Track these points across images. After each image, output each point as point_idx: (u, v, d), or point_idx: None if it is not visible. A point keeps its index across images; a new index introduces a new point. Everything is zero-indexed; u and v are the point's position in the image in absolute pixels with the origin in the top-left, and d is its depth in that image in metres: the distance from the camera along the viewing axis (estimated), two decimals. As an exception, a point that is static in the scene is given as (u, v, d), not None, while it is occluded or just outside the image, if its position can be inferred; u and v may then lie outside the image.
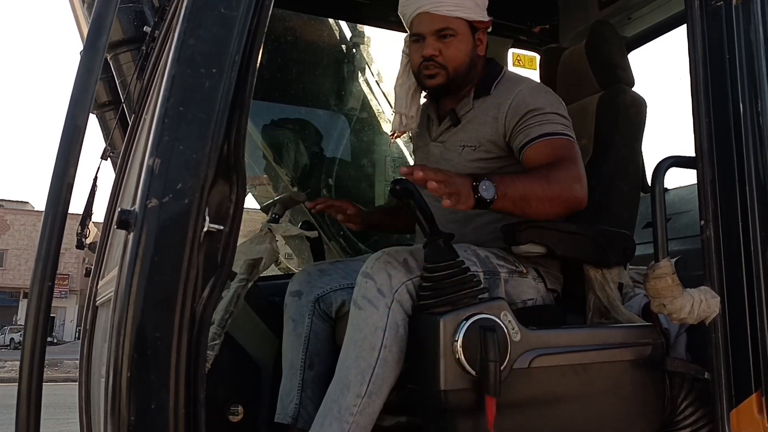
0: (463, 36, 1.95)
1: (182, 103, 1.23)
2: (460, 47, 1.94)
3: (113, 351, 1.14)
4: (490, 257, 1.80)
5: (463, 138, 1.97)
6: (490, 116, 1.93)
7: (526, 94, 1.90)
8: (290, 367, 1.96)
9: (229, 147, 1.28)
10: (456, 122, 2.00)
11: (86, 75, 1.16)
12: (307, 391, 1.91)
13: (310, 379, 1.92)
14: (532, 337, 1.58)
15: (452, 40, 1.93)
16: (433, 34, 1.93)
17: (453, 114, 2.01)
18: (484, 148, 1.93)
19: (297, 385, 1.92)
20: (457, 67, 1.95)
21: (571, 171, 1.76)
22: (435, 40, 1.93)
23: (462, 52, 1.95)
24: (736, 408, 1.64)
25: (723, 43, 1.76)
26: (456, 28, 1.93)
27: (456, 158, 1.97)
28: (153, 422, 1.13)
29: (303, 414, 1.89)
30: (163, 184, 1.19)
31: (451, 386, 1.48)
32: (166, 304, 1.17)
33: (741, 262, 1.68)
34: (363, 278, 1.64)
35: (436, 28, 1.93)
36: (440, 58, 1.94)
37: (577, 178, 1.76)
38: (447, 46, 1.93)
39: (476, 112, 1.97)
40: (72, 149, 1.14)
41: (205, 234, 1.23)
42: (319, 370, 1.93)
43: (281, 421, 1.91)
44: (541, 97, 1.89)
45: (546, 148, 1.81)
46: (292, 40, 3.05)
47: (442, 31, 1.92)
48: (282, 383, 1.96)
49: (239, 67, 1.30)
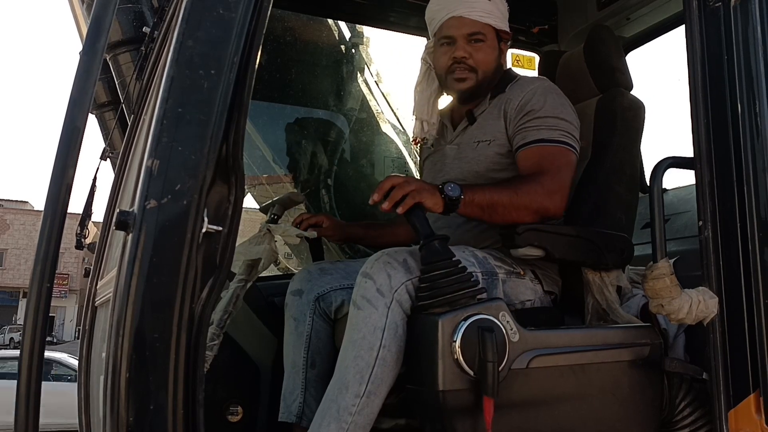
0: (491, 42, 2.00)
1: (181, 104, 1.23)
2: (489, 52, 2.00)
3: (112, 351, 1.14)
4: (488, 258, 1.80)
5: (477, 134, 2.01)
6: (501, 111, 1.97)
7: (534, 94, 1.93)
8: (292, 365, 1.96)
9: (228, 148, 1.28)
10: (473, 121, 2.03)
11: (85, 76, 1.16)
12: (311, 390, 1.91)
13: (312, 378, 1.93)
14: (531, 337, 1.59)
15: (482, 45, 1.99)
16: (464, 38, 1.98)
17: (470, 115, 2.05)
18: (498, 142, 1.96)
19: (300, 384, 1.92)
20: (486, 71, 2.00)
21: (546, 183, 1.79)
22: (466, 44, 1.98)
23: (490, 57, 2.00)
24: (734, 408, 1.64)
25: (721, 43, 1.76)
26: (486, 33, 1.98)
27: (471, 153, 2.00)
28: (152, 422, 1.13)
29: (307, 413, 1.90)
30: (162, 185, 1.19)
31: (449, 386, 1.49)
32: (165, 305, 1.17)
33: (739, 263, 1.68)
34: (362, 278, 1.65)
35: (469, 31, 1.97)
36: (471, 60, 1.98)
37: (551, 190, 1.79)
38: (477, 50, 1.98)
39: (490, 108, 2.02)
40: (71, 150, 1.14)
41: (204, 235, 1.23)
42: (321, 369, 1.94)
43: (286, 420, 1.91)
44: (548, 100, 1.91)
45: (534, 155, 1.86)
46: (291, 40, 3.05)
47: (474, 35, 1.98)
48: (285, 382, 1.96)
49: (238, 69, 1.30)
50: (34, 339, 1.18)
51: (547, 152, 1.85)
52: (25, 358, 1.19)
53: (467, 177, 1.98)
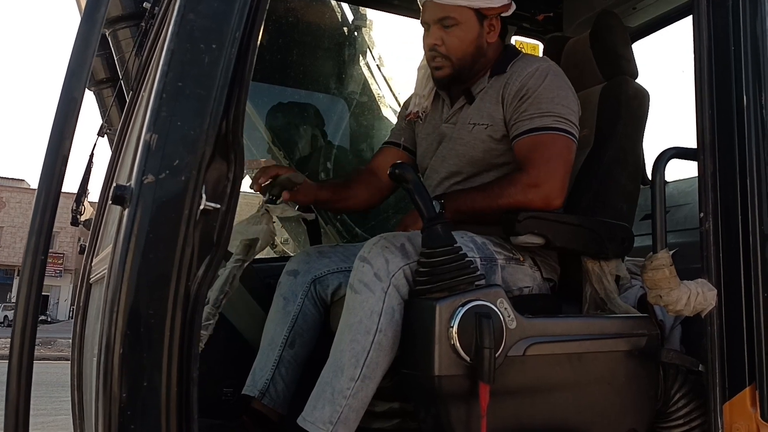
0: (467, 24, 1.93)
1: (181, 78, 1.21)
2: (463, 36, 1.93)
3: (106, 328, 1.13)
4: (487, 243, 1.79)
5: (473, 116, 1.97)
6: (499, 95, 1.93)
7: (531, 76, 1.89)
8: (270, 342, 1.93)
9: (228, 124, 1.26)
10: (471, 100, 1.99)
11: (84, 46, 1.13)
12: (281, 369, 1.89)
13: (287, 358, 1.90)
14: (528, 325, 1.58)
15: (454, 29, 1.93)
16: (436, 23, 1.94)
17: (468, 93, 2.00)
18: (495, 127, 1.93)
19: (273, 361, 1.89)
20: (461, 57, 1.94)
21: (523, 179, 1.79)
22: (438, 29, 1.94)
23: (465, 42, 1.94)
24: (730, 401, 1.64)
25: (729, 33, 1.74)
26: (458, 17, 1.92)
27: (467, 136, 1.97)
28: (144, 400, 1.12)
29: (271, 391, 1.87)
30: (160, 160, 1.17)
31: (445, 372, 1.48)
32: (161, 282, 1.15)
33: (739, 256, 1.67)
34: (360, 262, 1.64)
35: (439, 17, 1.93)
36: (442, 47, 1.93)
37: (530, 184, 1.79)
38: (449, 35, 1.93)
39: (489, 90, 1.97)
40: (68, 122, 1.12)
41: (201, 212, 1.21)
42: (298, 351, 1.92)
43: (248, 393, 1.88)
44: (545, 82, 1.88)
45: (525, 147, 1.85)
46: (293, 21, 3.01)
47: (444, 20, 1.92)
48: (257, 358, 1.93)
49: (240, 44, 1.27)
50: (26, 313, 1.16)
51: (537, 143, 1.83)
52: (17, 334, 1.17)
53: (463, 162, 1.96)
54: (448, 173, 2.00)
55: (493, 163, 1.94)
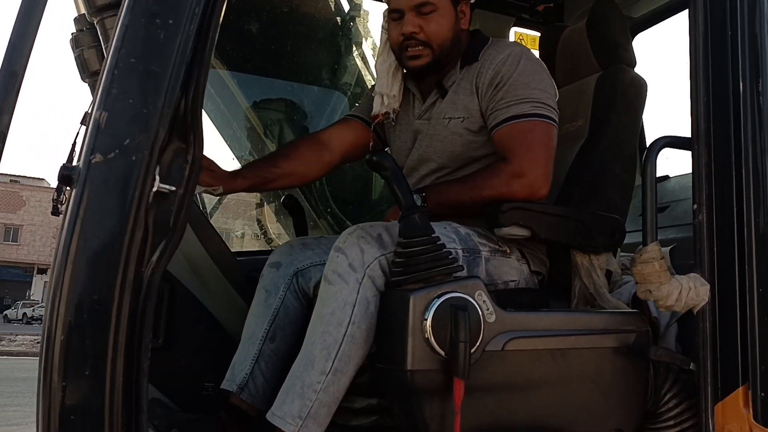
0: (444, 10, 1.85)
1: (134, 54, 1.17)
2: (442, 22, 1.85)
3: (48, 314, 1.08)
4: (471, 235, 1.72)
5: (448, 110, 1.88)
6: (473, 86, 1.85)
7: (504, 63, 1.81)
8: (250, 336, 1.88)
9: (186, 104, 1.21)
10: (443, 94, 1.91)
11: (26, 17, 1.09)
12: (261, 364, 1.84)
13: (267, 352, 1.85)
14: (508, 318, 1.51)
15: (434, 15, 1.84)
16: (412, 10, 1.84)
17: (440, 86, 1.92)
18: (471, 119, 1.85)
19: (253, 355, 1.84)
20: (441, 44, 1.86)
21: (507, 169, 1.73)
22: (414, 16, 1.84)
23: (444, 28, 1.85)
24: (722, 401, 1.56)
25: (726, 19, 1.67)
26: (436, 2, 1.84)
27: (443, 132, 1.89)
28: (86, 389, 1.07)
29: (250, 385, 1.82)
30: (110, 138, 1.13)
31: (418, 366, 1.42)
32: (107, 266, 1.10)
33: (734, 250, 1.59)
34: (335, 252, 1.58)
35: (414, 3, 1.83)
36: (422, 35, 1.84)
37: (514, 174, 1.72)
38: (428, 22, 1.84)
39: (461, 81, 1.89)
40: (7, 97, 1.07)
41: (156, 195, 1.16)
42: (279, 345, 1.86)
43: (227, 388, 1.83)
44: (519, 67, 1.79)
45: (504, 136, 1.77)
46: (286, 11, 2.96)
47: (422, 6, 1.83)
48: (237, 352, 1.88)
49: (200, 20, 1.22)
50: None
51: (517, 131, 1.75)
52: None
53: (443, 158, 1.88)
54: (428, 171, 1.92)
55: (473, 156, 1.86)
